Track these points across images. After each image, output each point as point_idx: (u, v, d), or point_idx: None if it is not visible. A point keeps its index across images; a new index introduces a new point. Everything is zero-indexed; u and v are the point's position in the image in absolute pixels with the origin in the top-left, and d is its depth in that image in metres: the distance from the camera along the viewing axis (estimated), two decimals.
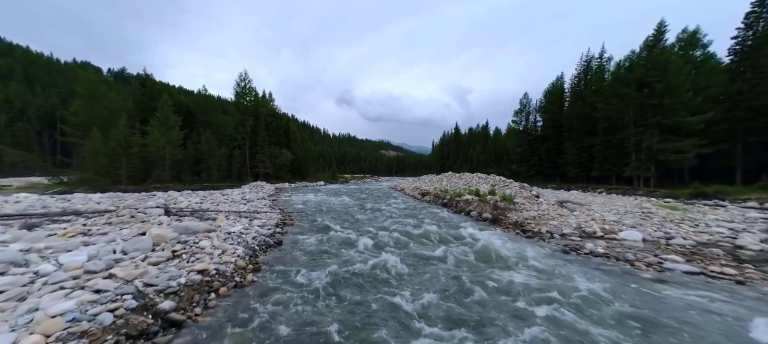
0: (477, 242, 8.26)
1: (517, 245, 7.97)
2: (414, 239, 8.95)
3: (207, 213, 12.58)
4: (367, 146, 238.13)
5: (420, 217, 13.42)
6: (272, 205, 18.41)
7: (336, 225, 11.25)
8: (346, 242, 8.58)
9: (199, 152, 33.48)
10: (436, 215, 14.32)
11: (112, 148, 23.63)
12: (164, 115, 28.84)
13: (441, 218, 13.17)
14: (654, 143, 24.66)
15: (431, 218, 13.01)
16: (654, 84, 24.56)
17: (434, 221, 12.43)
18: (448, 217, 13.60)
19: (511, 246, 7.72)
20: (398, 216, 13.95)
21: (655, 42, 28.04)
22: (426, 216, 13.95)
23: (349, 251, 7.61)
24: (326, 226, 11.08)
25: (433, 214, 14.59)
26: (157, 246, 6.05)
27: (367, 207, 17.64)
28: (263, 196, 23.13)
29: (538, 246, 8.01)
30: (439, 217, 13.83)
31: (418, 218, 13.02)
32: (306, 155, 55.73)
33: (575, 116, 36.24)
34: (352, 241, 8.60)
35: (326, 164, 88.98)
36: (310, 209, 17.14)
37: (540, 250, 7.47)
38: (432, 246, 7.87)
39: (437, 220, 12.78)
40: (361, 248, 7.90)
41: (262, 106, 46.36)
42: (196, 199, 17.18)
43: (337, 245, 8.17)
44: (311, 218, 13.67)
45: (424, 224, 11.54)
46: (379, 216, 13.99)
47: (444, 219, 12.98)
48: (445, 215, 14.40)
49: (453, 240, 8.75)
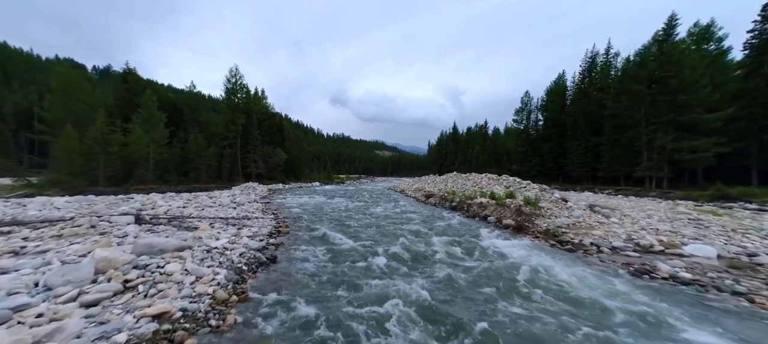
0: (511, 258, 6.77)
1: (563, 263, 6.44)
2: (434, 253, 7.41)
3: (188, 220, 10.87)
4: (361, 146, 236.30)
5: (431, 223, 11.88)
6: (265, 209, 16.71)
7: (338, 234, 9.64)
8: (353, 257, 7.00)
9: (187, 152, 31.44)
10: (448, 220, 12.78)
11: (88, 146, 21.59)
12: (148, 111, 26.80)
13: (454, 225, 11.64)
14: (668, 142, 23.51)
15: (444, 225, 11.48)
16: (668, 80, 23.41)
17: (449, 229, 10.92)
18: (462, 223, 12.06)
19: (554, 265, 6.19)
20: (405, 221, 12.40)
21: (666, 37, 26.98)
22: (436, 221, 12.42)
23: (360, 271, 6.02)
24: (327, 236, 9.47)
25: (443, 219, 13.05)
26: (101, 274, 4.36)
27: (369, 211, 16.07)
28: (255, 198, 21.37)
29: (587, 263, 6.48)
30: (452, 223, 12.30)
31: (429, 225, 11.48)
32: (300, 155, 53.82)
33: (580, 114, 35.10)
34: (361, 256, 7.04)
35: (321, 164, 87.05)
36: (307, 213, 15.48)
37: (601, 273, 5.92)
38: (461, 265, 6.29)
39: (451, 227, 11.25)
40: (374, 267, 6.31)
41: (255, 103, 44.38)
42: (179, 202, 15.38)
43: (344, 263, 6.58)
44: (309, 224, 12.04)
45: (439, 233, 10.00)
46: (383, 222, 12.42)
47: (458, 226, 11.45)
48: (457, 220, 12.86)
49: (482, 255, 7.21)
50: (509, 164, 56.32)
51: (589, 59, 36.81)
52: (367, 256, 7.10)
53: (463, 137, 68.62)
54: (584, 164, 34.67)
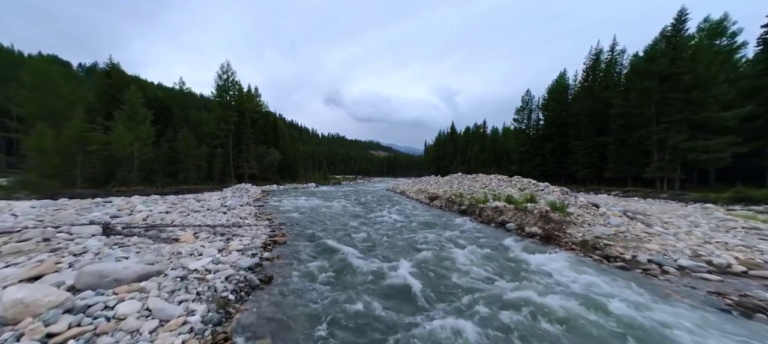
0: (563, 281, 5.50)
1: (631, 291, 5.16)
2: (467, 273, 6.11)
3: (169, 229, 9.40)
4: (356, 146, 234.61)
5: (444, 230, 10.56)
6: (258, 214, 15.24)
7: (344, 245, 8.29)
8: (366, 277, 5.70)
9: (175, 151, 29.71)
10: (461, 227, 11.46)
11: (64, 145, 19.85)
12: (132, 108, 25.06)
13: (471, 233, 10.34)
14: (680, 141, 22.55)
15: (459, 234, 10.17)
16: (681, 76, 22.46)
17: (468, 238, 9.63)
18: (479, 230, 10.75)
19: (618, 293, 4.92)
20: (415, 228, 11.08)
21: (675, 32, 26.07)
22: (450, 228, 11.12)
23: (379, 300, 4.68)
24: (332, 247, 8.12)
25: (455, 226, 11.73)
26: (10, 327, 2.94)
27: (373, 215, 14.72)
28: (248, 201, 19.85)
29: (660, 291, 5.21)
30: (467, 230, 11.00)
31: (444, 233, 10.18)
32: (295, 155, 52.18)
33: (584, 113, 34.13)
34: (376, 276, 5.73)
35: (315, 164, 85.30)
36: (304, 218, 14.07)
37: (691, 308, 4.62)
38: (514, 295, 4.94)
39: (469, 236, 9.96)
40: (396, 294, 4.99)
41: (248, 101, 42.69)
42: (163, 207, 13.84)
43: (357, 287, 5.23)
44: (308, 231, 10.64)
45: (459, 243, 8.71)
46: (390, 228, 11.10)
47: (477, 234, 10.15)
48: (471, 226, 11.55)
49: (526, 277, 5.92)
50: (509, 165, 55.40)
51: (593, 57, 35.90)
52: (384, 276, 5.77)
53: (462, 137, 67.55)
54: (589, 165, 33.72)
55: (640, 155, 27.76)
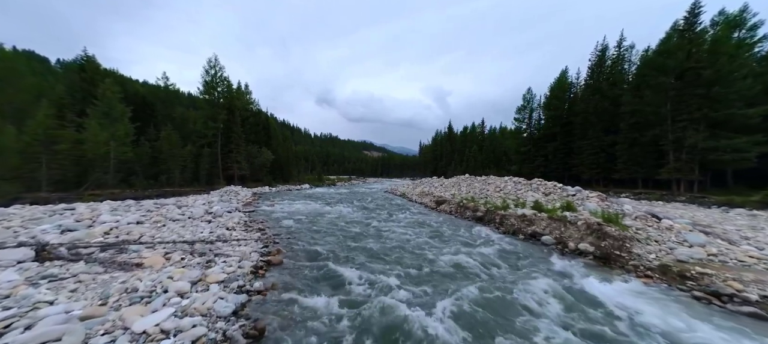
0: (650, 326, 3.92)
1: None
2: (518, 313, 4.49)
3: (132, 248, 7.45)
4: (349, 146, 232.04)
5: (467, 245, 8.84)
6: (249, 222, 13.33)
7: (353, 270, 6.59)
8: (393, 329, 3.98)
9: (157, 151, 27.39)
10: (485, 240, 9.74)
11: (26, 144, 17.53)
12: (107, 104, 22.73)
13: (499, 247, 8.65)
14: (699, 141, 21.30)
15: (485, 247, 8.47)
16: (700, 71, 21.22)
17: (498, 254, 8.01)
18: (507, 244, 9.05)
19: None
20: (434, 242, 9.34)
21: (688, 26, 24.89)
22: (471, 241, 9.43)
23: None
24: (338, 273, 6.39)
25: (478, 238, 10.00)
26: None
27: (378, 225, 12.91)
28: (237, 206, 17.84)
29: None
30: (492, 242, 9.30)
31: (468, 248, 8.50)
32: (288, 155, 49.96)
33: (591, 111, 32.87)
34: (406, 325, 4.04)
35: (309, 165, 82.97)
36: (302, 227, 12.22)
37: None
38: None
39: (498, 250, 8.30)
40: None
41: (237, 98, 40.40)
42: (134, 215, 11.79)
43: None
44: (308, 247, 8.84)
45: (492, 262, 7.08)
46: (403, 242, 9.35)
47: (507, 249, 8.46)
48: (496, 239, 9.82)
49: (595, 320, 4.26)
50: (508, 165, 54.15)
51: (599, 53, 34.70)
52: (421, 328, 4.02)
53: (459, 137, 66.11)
54: (596, 165, 32.43)
55: (651, 155, 26.54)
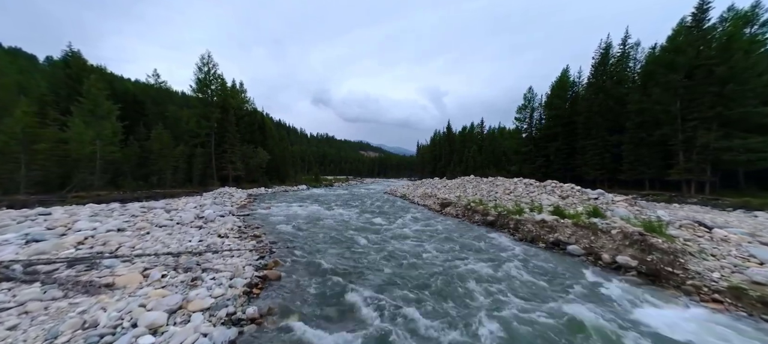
0: None
1: None
2: None
3: (105, 262, 6.41)
4: (346, 146, 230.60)
5: (486, 255, 7.89)
6: (243, 227, 12.29)
7: (361, 288, 5.61)
8: None
9: (147, 151, 26.15)
10: (503, 248, 8.82)
11: (3, 143, 16.30)
12: (93, 101, 21.48)
13: (522, 258, 7.72)
14: (712, 140, 20.61)
15: (509, 261, 7.52)
16: (713, 67, 20.54)
17: (523, 265, 7.10)
18: (529, 254, 8.13)
19: None
20: (445, 250, 8.39)
21: (697, 23, 24.25)
22: (488, 251, 8.49)
23: None
24: (343, 290, 5.42)
25: (496, 246, 9.07)
26: None
27: (383, 230, 11.95)
28: (231, 210, 16.76)
29: None
30: (513, 252, 8.39)
31: (487, 258, 7.56)
32: (284, 155, 48.76)
33: (595, 110, 32.17)
34: None
35: (305, 165, 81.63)
36: (301, 233, 11.21)
37: None
38: None
39: (522, 262, 7.38)
40: None
41: (232, 97, 39.16)
42: (116, 221, 10.70)
43: None
44: (309, 258, 7.86)
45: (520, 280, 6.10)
46: (414, 251, 8.40)
47: (531, 260, 7.54)
48: (514, 246, 8.91)
49: None
50: (508, 165, 53.43)
51: (603, 51, 34.03)
52: None
53: (458, 137, 65.29)
54: (600, 166, 31.74)
55: (659, 155, 25.87)
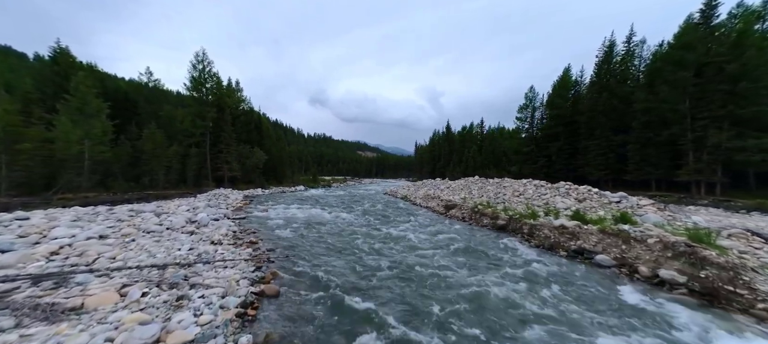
0: None
1: None
2: None
3: (78, 277, 5.57)
4: (343, 146, 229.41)
5: (503, 266, 7.10)
6: (238, 232, 11.45)
7: (372, 309, 4.83)
8: None
9: (139, 150, 25.17)
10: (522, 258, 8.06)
11: None
12: (81, 98, 20.51)
13: (546, 269, 6.94)
14: (724, 140, 20.05)
15: (532, 273, 6.75)
16: (724, 65, 20.00)
17: (550, 279, 6.30)
18: (551, 264, 7.37)
19: None
20: (458, 261, 7.59)
21: (705, 20, 23.73)
22: (505, 261, 7.72)
23: None
24: (351, 310, 4.63)
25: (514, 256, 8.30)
26: None
27: (388, 235, 11.18)
28: (225, 212, 15.90)
29: None
30: (529, 259, 7.65)
31: (508, 270, 6.79)
32: (282, 156, 47.81)
33: (599, 110, 31.59)
34: None
35: (302, 165, 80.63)
36: (301, 240, 10.39)
37: None
38: None
39: (545, 274, 6.59)
40: None
41: (228, 96, 38.18)
42: (99, 227, 9.82)
43: None
44: (310, 270, 7.05)
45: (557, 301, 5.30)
46: (423, 260, 7.63)
47: (555, 272, 6.77)
48: (533, 255, 8.16)
49: None
50: (508, 166, 52.81)
51: (606, 49, 33.46)
52: None
53: (458, 137, 64.62)
54: (605, 166, 31.15)
55: (666, 155, 25.31)
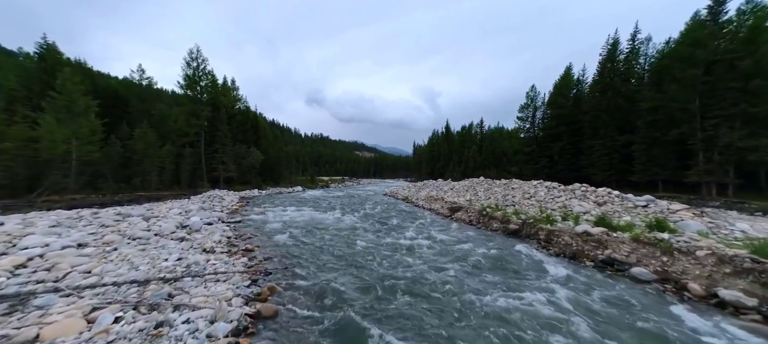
0: None
1: None
2: None
3: (39, 298, 4.72)
4: (341, 146, 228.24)
5: (537, 282, 6.29)
6: (233, 238, 10.63)
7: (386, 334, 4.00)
8: None
9: (130, 150, 24.18)
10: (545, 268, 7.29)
11: None
12: (68, 96, 19.51)
13: (579, 285, 6.15)
14: (736, 139, 19.47)
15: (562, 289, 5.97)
16: (737, 62, 19.43)
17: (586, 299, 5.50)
18: (580, 276, 6.63)
19: None
20: (481, 277, 6.76)
21: (713, 16, 23.18)
22: (529, 273, 6.96)
23: None
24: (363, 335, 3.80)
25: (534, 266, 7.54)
26: None
27: (394, 242, 10.38)
28: (220, 216, 15.04)
29: None
30: (553, 269, 6.89)
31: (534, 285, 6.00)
32: (279, 156, 46.84)
33: (603, 109, 30.99)
34: None
35: (299, 165, 79.61)
36: (301, 247, 9.56)
37: None
38: None
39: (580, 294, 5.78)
40: None
41: (223, 94, 37.18)
42: (77, 235, 8.96)
43: None
44: (312, 282, 6.27)
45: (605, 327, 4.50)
46: (436, 271, 6.85)
47: (590, 288, 5.98)
48: (561, 268, 7.38)
49: None
50: (508, 166, 52.21)
51: (610, 47, 32.86)
52: None
53: (457, 137, 63.95)
54: (609, 167, 30.54)
55: (674, 155, 24.74)
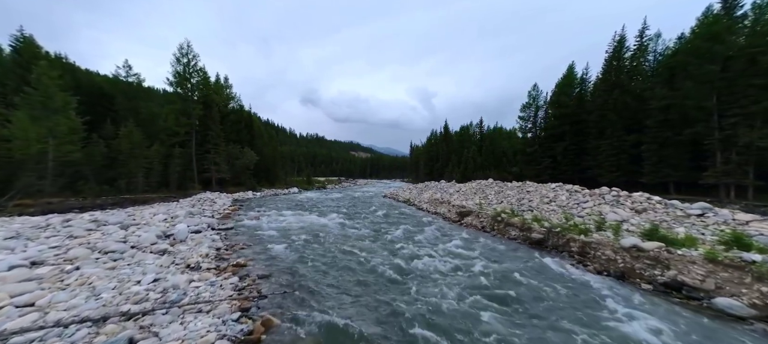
0: None
1: None
2: None
3: None
4: (336, 147, 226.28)
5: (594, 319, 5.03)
6: (223, 250, 9.31)
7: None
8: None
9: (115, 150, 22.58)
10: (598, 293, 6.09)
11: None
12: (44, 92, 17.93)
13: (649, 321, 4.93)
14: (756, 139, 18.55)
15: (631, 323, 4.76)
16: (759, 56, 18.52)
17: None
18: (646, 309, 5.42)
19: None
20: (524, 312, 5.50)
21: (728, 11, 22.34)
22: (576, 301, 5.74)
23: None
24: None
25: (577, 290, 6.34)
26: None
27: (405, 250, 9.20)
28: (210, 222, 13.63)
29: None
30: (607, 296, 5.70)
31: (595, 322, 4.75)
32: (274, 156, 45.30)
33: (610, 108, 30.03)
34: None
35: (295, 166, 77.99)
36: (300, 261, 8.24)
37: None
38: None
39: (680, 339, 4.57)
40: None
41: (216, 92, 35.61)
42: (32, 250, 7.61)
43: None
44: (316, 312, 4.90)
45: None
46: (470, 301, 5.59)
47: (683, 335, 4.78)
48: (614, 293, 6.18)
49: None
50: (509, 167, 51.24)
51: (616, 44, 31.92)
52: None
53: (456, 137, 62.87)
54: (616, 168, 29.55)
55: (687, 156, 23.81)
